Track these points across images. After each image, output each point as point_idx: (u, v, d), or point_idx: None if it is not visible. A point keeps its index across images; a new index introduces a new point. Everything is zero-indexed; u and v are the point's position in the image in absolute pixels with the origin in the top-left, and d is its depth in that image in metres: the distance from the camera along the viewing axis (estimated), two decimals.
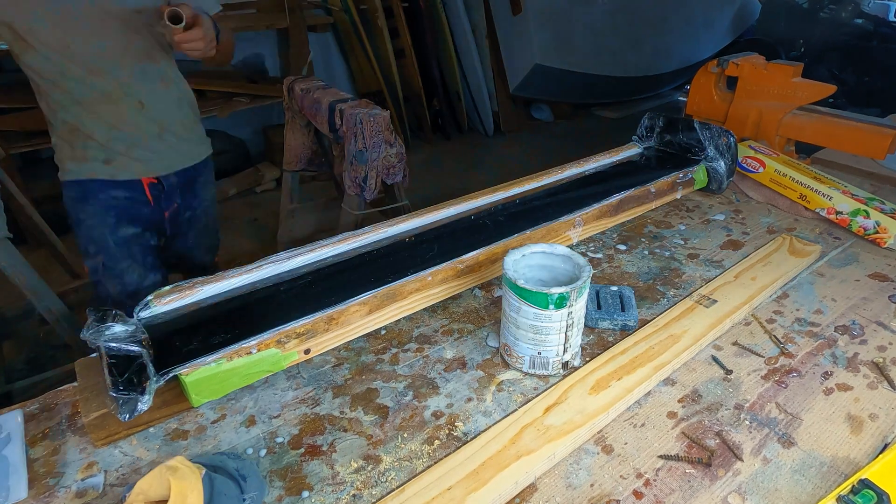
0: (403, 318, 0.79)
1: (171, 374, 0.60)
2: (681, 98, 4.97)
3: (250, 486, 0.56)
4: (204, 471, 0.52)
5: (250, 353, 0.64)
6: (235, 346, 0.64)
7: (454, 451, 0.61)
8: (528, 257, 0.75)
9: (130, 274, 1.24)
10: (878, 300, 0.87)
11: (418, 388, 0.71)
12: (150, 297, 0.68)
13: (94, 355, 0.64)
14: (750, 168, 1.20)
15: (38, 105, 1.14)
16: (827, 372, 0.73)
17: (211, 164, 1.38)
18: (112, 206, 1.20)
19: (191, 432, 0.65)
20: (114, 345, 0.58)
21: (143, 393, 0.57)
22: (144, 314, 0.67)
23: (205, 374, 0.62)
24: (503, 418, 0.66)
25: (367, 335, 0.78)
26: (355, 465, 0.61)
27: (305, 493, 0.58)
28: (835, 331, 0.81)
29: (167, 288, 0.69)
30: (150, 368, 0.59)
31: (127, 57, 1.12)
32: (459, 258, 0.81)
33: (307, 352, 0.68)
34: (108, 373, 0.57)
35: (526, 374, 0.72)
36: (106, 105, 1.13)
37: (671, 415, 0.67)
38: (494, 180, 1.13)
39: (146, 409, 0.59)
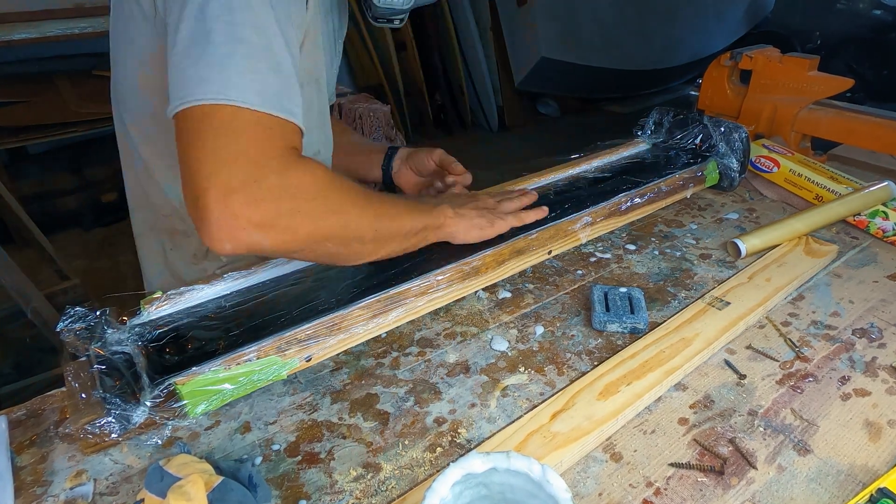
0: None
1: (165, 384, 0.58)
2: (692, 92, 4.92)
3: (260, 496, 0.54)
4: (222, 478, 0.50)
5: (249, 360, 0.62)
6: (233, 354, 0.61)
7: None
8: (470, 486, 0.45)
9: None
10: None
11: (420, 394, 0.69)
12: (141, 302, 0.66)
13: (82, 358, 0.61)
14: (764, 168, 1.16)
15: (28, 100, 1.08)
16: (844, 376, 0.71)
17: None
18: None
19: (184, 439, 0.63)
20: (104, 352, 0.56)
21: (136, 405, 0.55)
22: (136, 320, 0.65)
23: (201, 384, 0.59)
24: (508, 425, 0.64)
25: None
26: (354, 474, 0.59)
27: (303, 503, 0.56)
28: (852, 334, 0.78)
29: (159, 293, 0.67)
30: (145, 378, 0.57)
31: None
32: (464, 260, 0.79)
33: (308, 359, 0.65)
34: (98, 383, 0.55)
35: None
36: None
37: (682, 421, 0.65)
38: (498, 178, 1.10)
39: (141, 421, 0.56)
